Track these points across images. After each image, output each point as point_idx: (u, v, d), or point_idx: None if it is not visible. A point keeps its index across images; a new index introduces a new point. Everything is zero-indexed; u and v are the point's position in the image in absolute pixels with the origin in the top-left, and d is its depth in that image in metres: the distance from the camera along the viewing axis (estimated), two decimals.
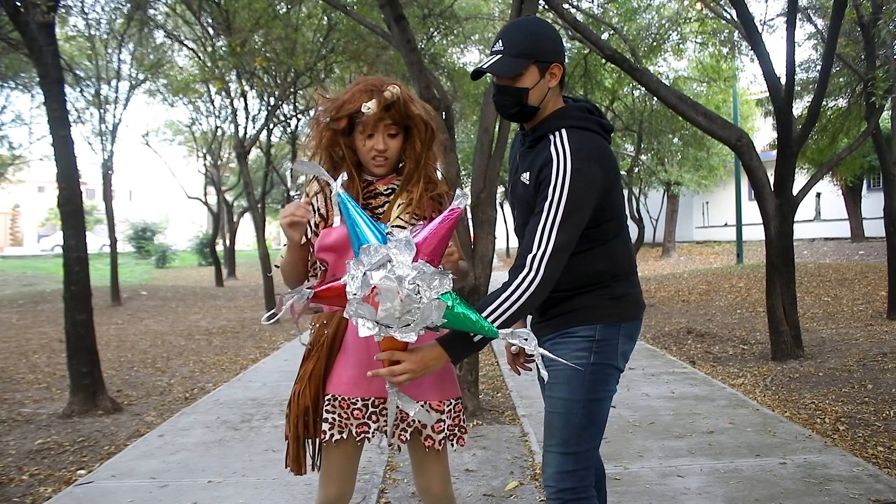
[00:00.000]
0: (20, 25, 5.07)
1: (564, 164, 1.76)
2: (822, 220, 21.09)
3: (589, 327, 1.87)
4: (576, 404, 1.87)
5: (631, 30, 10.91)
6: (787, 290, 6.30)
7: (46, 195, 37.00)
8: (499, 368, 6.42)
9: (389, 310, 1.56)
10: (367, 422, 1.88)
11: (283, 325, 10.57)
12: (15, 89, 13.53)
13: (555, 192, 1.75)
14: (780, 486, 3.27)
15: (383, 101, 1.80)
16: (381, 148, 1.86)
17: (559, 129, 1.83)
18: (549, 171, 1.77)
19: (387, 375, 1.69)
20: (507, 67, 1.82)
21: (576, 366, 1.85)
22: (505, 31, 1.88)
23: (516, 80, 1.83)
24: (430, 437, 1.90)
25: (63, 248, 5.24)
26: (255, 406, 5.22)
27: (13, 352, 8.44)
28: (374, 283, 1.55)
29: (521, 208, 1.93)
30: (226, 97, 13.38)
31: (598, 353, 1.87)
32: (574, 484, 1.88)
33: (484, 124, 4.84)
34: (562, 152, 1.78)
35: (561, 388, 1.89)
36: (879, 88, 6.83)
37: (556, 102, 1.90)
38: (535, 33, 1.84)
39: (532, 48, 1.82)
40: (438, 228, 1.65)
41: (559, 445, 1.88)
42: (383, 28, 5.81)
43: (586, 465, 1.90)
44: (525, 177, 1.87)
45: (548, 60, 1.83)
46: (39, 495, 3.53)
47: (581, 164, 1.76)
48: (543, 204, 1.76)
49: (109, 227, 14.54)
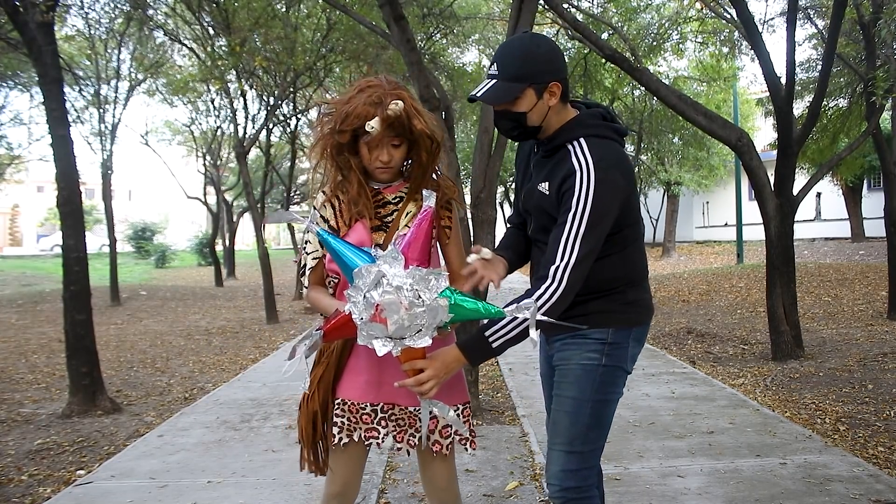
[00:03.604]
0: (19, 25, 5.06)
1: (588, 175, 1.75)
2: (822, 220, 21.08)
3: (601, 331, 1.88)
4: (585, 404, 1.88)
5: (631, 29, 10.92)
6: (788, 290, 6.30)
7: (46, 195, 37.01)
8: (499, 368, 6.42)
9: (398, 321, 1.60)
10: (375, 427, 1.92)
11: (282, 326, 10.57)
12: (14, 89, 13.54)
13: (578, 202, 1.75)
14: (780, 486, 3.27)
15: (386, 119, 1.79)
16: (385, 160, 1.86)
17: (577, 139, 1.82)
18: (573, 182, 1.76)
19: (413, 386, 1.71)
20: (500, 94, 1.80)
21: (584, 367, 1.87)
22: (499, 53, 1.84)
23: (513, 105, 1.81)
24: (438, 443, 1.94)
25: (62, 248, 5.23)
26: (255, 406, 5.21)
27: (12, 352, 8.43)
28: (375, 301, 1.59)
29: (538, 215, 1.92)
30: (225, 97, 13.38)
31: (609, 355, 1.89)
32: (577, 483, 1.89)
33: (484, 124, 4.83)
34: (584, 163, 1.77)
35: (571, 387, 1.90)
36: (880, 88, 6.83)
37: (564, 114, 1.88)
38: (529, 54, 1.79)
39: (526, 71, 1.78)
40: (418, 232, 1.72)
41: (565, 444, 1.89)
42: (383, 27, 5.81)
43: (590, 465, 1.92)
44: (544, 186, 1.86)
45: (544, 81, 1.80)
46: (39, 495, 3.53)
47: (604, 174, 1.76)
48: (567, 215, 1.76)
49: (109, 227, 14.54)
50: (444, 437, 1.94)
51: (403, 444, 1.93)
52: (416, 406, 1.91)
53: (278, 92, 11.89)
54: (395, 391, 1.89)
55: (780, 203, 6.23)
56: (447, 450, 1.95)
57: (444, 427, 1.94)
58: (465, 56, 14.04)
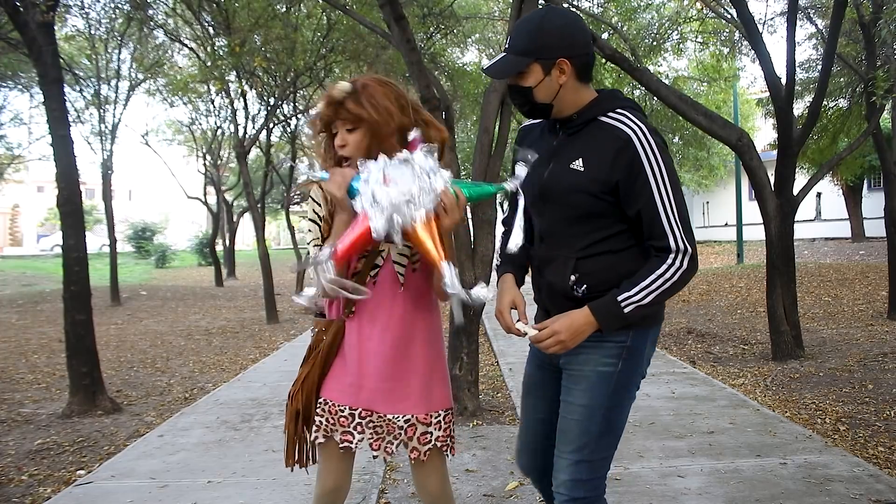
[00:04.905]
0: (20, 25, 5.06)
1: (647, 138, 1.69)
2: (822, 220, 21.08)
3: (623, 333, 1.78)
4: (596, 412, 1.79)
5: (631, 29, 10.91)
6: (788, 290, 6.30)
7: (46, 195, 37.00)
8: (499, 368, 6.42)
9: (407, 183, 1.65)
10: (351, 431, 1.91)
11: (283, 326, 10.57)
12: (14, 89, 13.54)
13: (652, 165, 1.67)
14: (780, 486, 3.26)
15: (328, 99, 1.82)
16: (339, 143, 1.84)
17: (613, 111, 1.75)
18: (634, 148, 1.68)
19: (535, 340, 1.72)
20: (505, 68, 1.76)
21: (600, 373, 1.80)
22: (514, 27, 1.83)
23: (520, 79, 1.76)
24: (415, 450, 1.92)
25: (62, 248, 5.23)
26: (255, 406, 5.21)
27: (13, 352, 8.43)
28: (385, 174, 1.66)
29: (566, 196, 1.78)
30: (225, 97, 13.37)
31: (627, 360, 1.80)
32: (587, 493, 1.80)
33: (484, 124, 4.83)
34: (637, 128, 1.70)
35: (582, 394, 1.80)
36: (880, 88, 6.82)
37: (583, 94, 1.79)
38: (538, 28, 1.73)
39: (532, 45, 1.72)
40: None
41: (574, 452, 1.80)
42: (383, 28, 5.80)
43: (601, 474, 1.84)
44: (578, 163, 1.75)
45: (552, 57, 1.72)
46: (39, 495, 3.53)
47: (659, 139, 1.71)
48: (649, 180, 1.67)
49: (109, 227, 14.54)
50: (422, 443, 1.91)
51: (380, 452, 1.92)
52: (394, 413, 1.90)
53: (278, 92, 11.89)
54: (374, 398, 1.90)
55: (780, 203, 6.23)
56: (425, 456, 1.92)
57: (423, 434, 1.91)
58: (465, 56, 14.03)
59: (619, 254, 1.77)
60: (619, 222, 1.76)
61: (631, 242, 1.77)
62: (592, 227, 1.77)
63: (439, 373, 1.98)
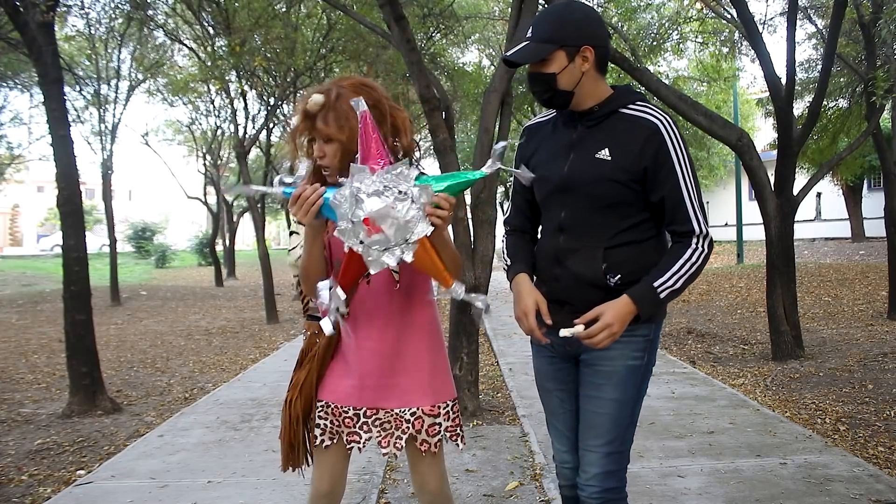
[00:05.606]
0: (20, 25, 5.06)
1: (673, 129, 1.78)
2: (822, 220, 21.09)
3: (647, 326, 1.84)
4: (626, 405, 1.86)
5: (631, 29, 10.92)
6: (788, 290, 6.30)
7: (46, 195, 37.00)
8: (499, 368, 6.42)
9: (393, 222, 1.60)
10: (357, 431, 1.91)
11: (283, 326, 10.57)
12: (14, 89, 13.54)
13: (677, 154, 1.77)
14: (780, 486, 3.27)
15: (303, 112, 1.80)
16: (318, 154, 1.82)
17: (634, 103, 1.83)
18: (662, 137, 1.76)
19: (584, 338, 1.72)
20: (530, 54, 1.80)
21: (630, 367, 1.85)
22: (535, 18, 1.87)
23: (543, 66, 1.80)
24: (425, 442, 1.92)
25: (62, 248, 5.23)
26: (255, 406, 5.21)
27: (13, 352, 8.43)
28: (363, 216, 1.60)
29: (588, 190, 1.81)
30: (225, 97, 13.37)
31: (650, 352, 1.88)
32: (617, 483, 1.88)
33: (484, 124, 4.83)
34: (664, 118, 1.79)
35: (613, 389, 1.85)
36: (880, 88, 6.82)
37: (601, 87, 1.84)
38: (561, 17, 1.80)
39: (556, 33, 1.78)
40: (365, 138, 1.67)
41: (606, 445, 1.86)
42: (383, 28, 5.80)
43: (626, 464, 1.92)
44: (604, 153, 1.80)
45: (576, 44, 1.78)
46: (39, 495, 3.53)
47: (680, 132, 1.79)
48: (673, 171, 1.76)
49: (109, 227, 14.54)
50: (431, 435, 1.92)
51: (390, 448, 1.91)
52: (401, 407, 1.90)
53: (278, 92, 11.88)
54: (378, 395, 1.90)
55: (780, 203, 6.23)
56: (436, 447, 1.93)
57: (432, 425, 1.92)
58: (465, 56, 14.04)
59: (641, 244, 1.83)
60: (642, 211, 1.82)
61: (651, 233, 1.84)
62: (618, 216, 1.82)
63: (441, 364, 1.98)
